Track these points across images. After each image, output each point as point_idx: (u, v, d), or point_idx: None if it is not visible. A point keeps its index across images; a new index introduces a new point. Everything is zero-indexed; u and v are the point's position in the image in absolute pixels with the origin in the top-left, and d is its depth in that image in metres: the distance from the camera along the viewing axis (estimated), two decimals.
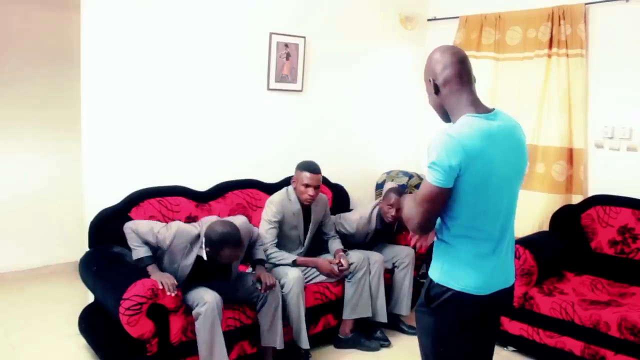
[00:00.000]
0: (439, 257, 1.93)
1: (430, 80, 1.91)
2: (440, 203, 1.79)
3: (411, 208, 1.86)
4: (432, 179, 1.76)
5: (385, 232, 3.96)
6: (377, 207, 3.85)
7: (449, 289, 1.88)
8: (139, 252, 2.87)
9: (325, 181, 4.33)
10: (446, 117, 1.95)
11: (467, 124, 1.79)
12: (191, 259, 2.88)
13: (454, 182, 1.76)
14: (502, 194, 1.87)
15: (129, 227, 2.92)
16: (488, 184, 1.81)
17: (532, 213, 4.13)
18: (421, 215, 1.81)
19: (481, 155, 1.76)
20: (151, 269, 2.82)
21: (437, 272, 1.92)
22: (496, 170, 1.81)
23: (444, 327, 1.95)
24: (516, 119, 2.00)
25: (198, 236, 2.89)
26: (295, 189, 3.56)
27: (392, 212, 3.72)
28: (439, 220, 1.90)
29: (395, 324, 3.79)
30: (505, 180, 1.87)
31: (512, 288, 2.02)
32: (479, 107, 1.86)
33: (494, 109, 1.89)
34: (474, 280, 1.87)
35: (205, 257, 2.88)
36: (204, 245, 2.86)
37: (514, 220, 1.98)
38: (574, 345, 3.16)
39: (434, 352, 2.01)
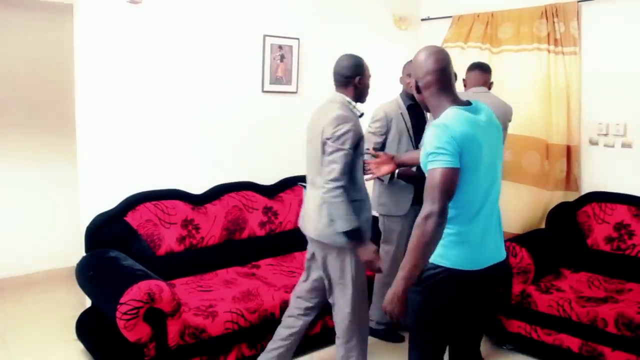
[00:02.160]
0: None
1: (413, 79, 2.07)
2: (453, 184, 1.87)
3: (427, 199, 1.87)
4: (440, 162, 1.85)
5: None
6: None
7: (441, 267, 1.99)
8: (353, 221, 2.57)
9: None
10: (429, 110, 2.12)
11: (452, 114, 1.95)
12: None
13: (459, 163, 1.86)
14: (489, 176, 2.02)
15: (334, 192, 2.54)
16: (479, 166, 1.94)
17: (528, 208, 4.16)
18: (440, 200, 1.84)
19: (472, 139, 1.90)
20: (369, 241, 2.63)
21: (434, 253, 2.01)
22: (484, 154, 1.96)
23: (433, 305, 2.04)
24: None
25: (347, 101, 2.74)
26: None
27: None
28: None
29: None
30: (492, 164, 2.03)
31: (505, 261, 2.15)
32: (459, 103, 2.01)
33: (471, 102, 2.05)
34: (465, 256, 1.99)
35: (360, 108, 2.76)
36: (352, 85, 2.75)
37: (498, 198, 2.13)
38: (571, 342, 3.17)
39: (418, 330, 2.12)
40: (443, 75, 2.01)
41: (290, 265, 3.74)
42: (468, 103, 2.04)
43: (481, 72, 3.58)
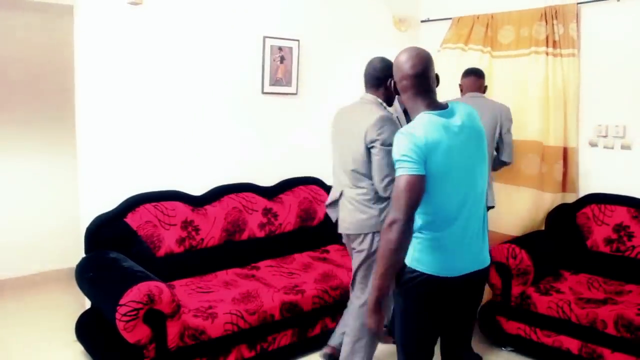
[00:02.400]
0: (414, 243, 2.06)
1: (393, 81, 2.12)
2: (419, 191, 1.89)
3: (393, 207, 1.91)
4: (405, 170, 1.88)
5: None
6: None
7: (418, 273, 2.01)
8: None
9: (321, 183, 4.35)
10: None
11: (421, 120, 1.96)
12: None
13: (424, 170, 1.88)
14: (465, 181, 2.00)
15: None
16: (449, 173, 1.94)
17: (526, 210, 4.17)
18: (405, 207, 1.87)
19: (438, 146, 1.90)
20: None
21: (409, 257, 2.05)
22: (456, 160, 1.95)
23: (411, 308, 2.08)
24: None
25: (379, 102, 2.88)
26: None
27: None
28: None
29: None
30: (468, 168, 2.00)
31: (487, 269, 2.14)
32: (435, 107, 2.01)
33: (447, 105, 2.03)
34: (441, 263, 1.99)
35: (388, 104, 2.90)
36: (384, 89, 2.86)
37: (483, 204, 2.10)
38: (571, 344, 3.17)
39: (401, 333, 2.14)
40: (419, 81, 2.01)
41: (290, 266, 3.74)
42: (444, 107, 2.03)
43: (476, 77, 3.71)
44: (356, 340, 2.89)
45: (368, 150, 2.75)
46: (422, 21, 5.05)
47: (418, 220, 2.02)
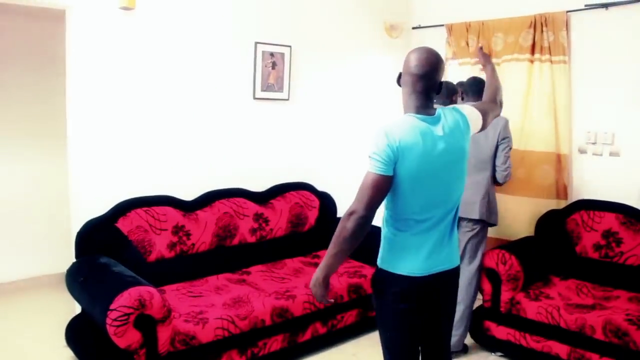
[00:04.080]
0: (382, 244, 2.14)
1: (400, 72, 2.14)
2: (383, 190, 1.98)
3: (356, 198, 2.00)
4: (374, 168, 1.96)
5: None
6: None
7: (388, 273, 2.08)
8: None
9: (312, 189, 4.36)
10: None
11: (403, 121, 2.03)
12: None
13: (392, 171, 1.95)
14: (438, 189, 2.05)
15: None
16: (420, 177, 1.99)
17: (521, 217, 4.19)
18: (367, 201, 1.97)
19: (413, 149, 1.95)
20: None
21: (380, 258, 2.13)
22: (430, 166, 2.00)
23: (385, 309, 2.14)
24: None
25: None
26: None
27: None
28: (384, 211, 2.11)
29: None
30: (442, 177, 2.05)
31: (456, 270, 2.21)
32: (423, 111, 2.06)
33: (436, 112, 2.07)
34: (410, 263, 2.06)
35: None
36: None
37: (455, 211, 2.15)
38: (560, 349, 3.19)
39: (381, 334, 2.19)
40: (419, 81, 2.04)
41: (281, 271, 3.74)
42: (432, 113, 2.06)
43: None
44: (467, 306, 3.43)
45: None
46: (414, 28, 5.08)
47: (387, 219, 2.10)
